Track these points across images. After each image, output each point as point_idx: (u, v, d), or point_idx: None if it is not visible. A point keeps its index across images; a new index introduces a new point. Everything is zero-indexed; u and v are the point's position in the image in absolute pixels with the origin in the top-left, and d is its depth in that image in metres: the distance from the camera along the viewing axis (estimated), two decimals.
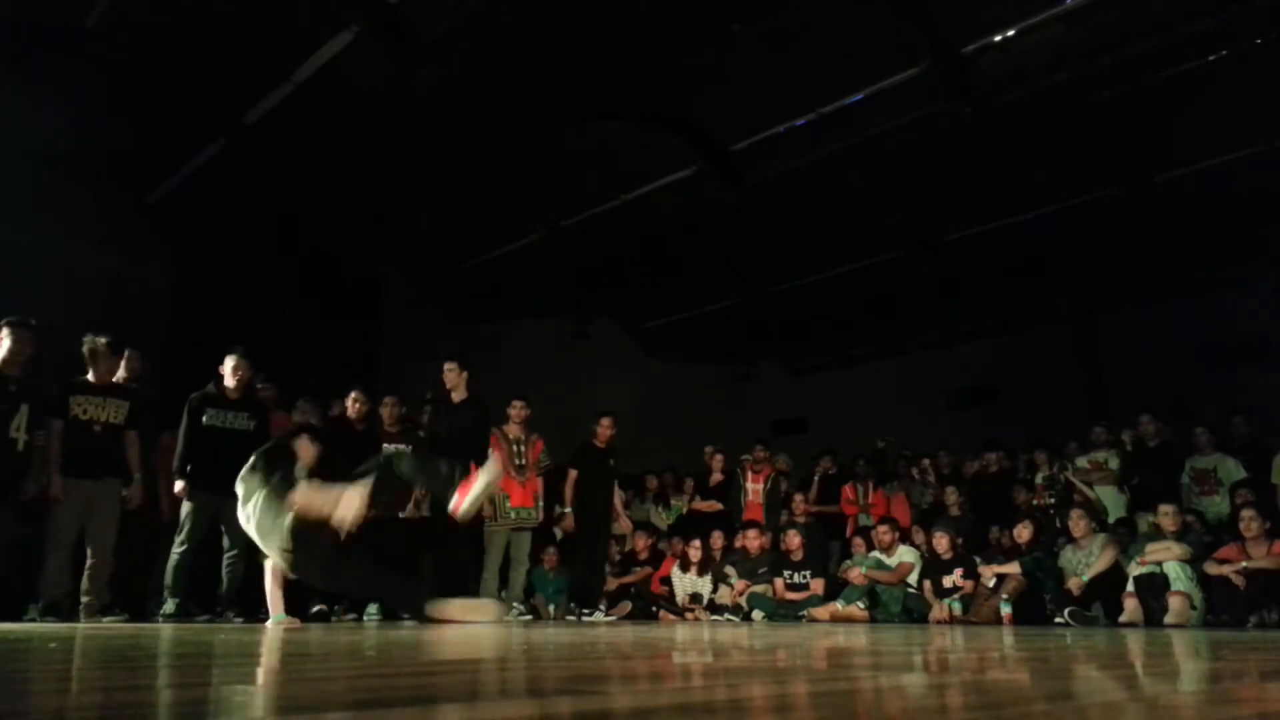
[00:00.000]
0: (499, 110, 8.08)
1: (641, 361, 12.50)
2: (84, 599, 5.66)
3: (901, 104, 7.50)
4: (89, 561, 5.72)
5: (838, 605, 7.30)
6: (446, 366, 6.88)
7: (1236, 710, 1.52)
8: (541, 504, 7.46)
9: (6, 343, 5.61)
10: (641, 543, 8.48)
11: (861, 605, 7.31)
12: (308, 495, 4.62)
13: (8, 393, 5.52)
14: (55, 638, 3.47)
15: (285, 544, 4.63)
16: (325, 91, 7.29)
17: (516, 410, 7.34)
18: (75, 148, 7.62)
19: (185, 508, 5.97)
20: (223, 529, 5.99)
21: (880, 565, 7.52)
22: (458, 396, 6.84)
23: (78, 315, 6.00)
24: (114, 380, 6.03)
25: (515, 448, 7.25)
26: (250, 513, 4.76)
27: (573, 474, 7.64)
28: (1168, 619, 5.99)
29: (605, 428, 7.78)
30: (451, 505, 4.87)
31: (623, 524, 8.22)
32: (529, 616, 7.22)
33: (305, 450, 5.01)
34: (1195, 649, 3.34)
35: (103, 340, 5.87)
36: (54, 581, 5.60)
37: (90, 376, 5.88)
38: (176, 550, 5.88)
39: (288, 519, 4.60)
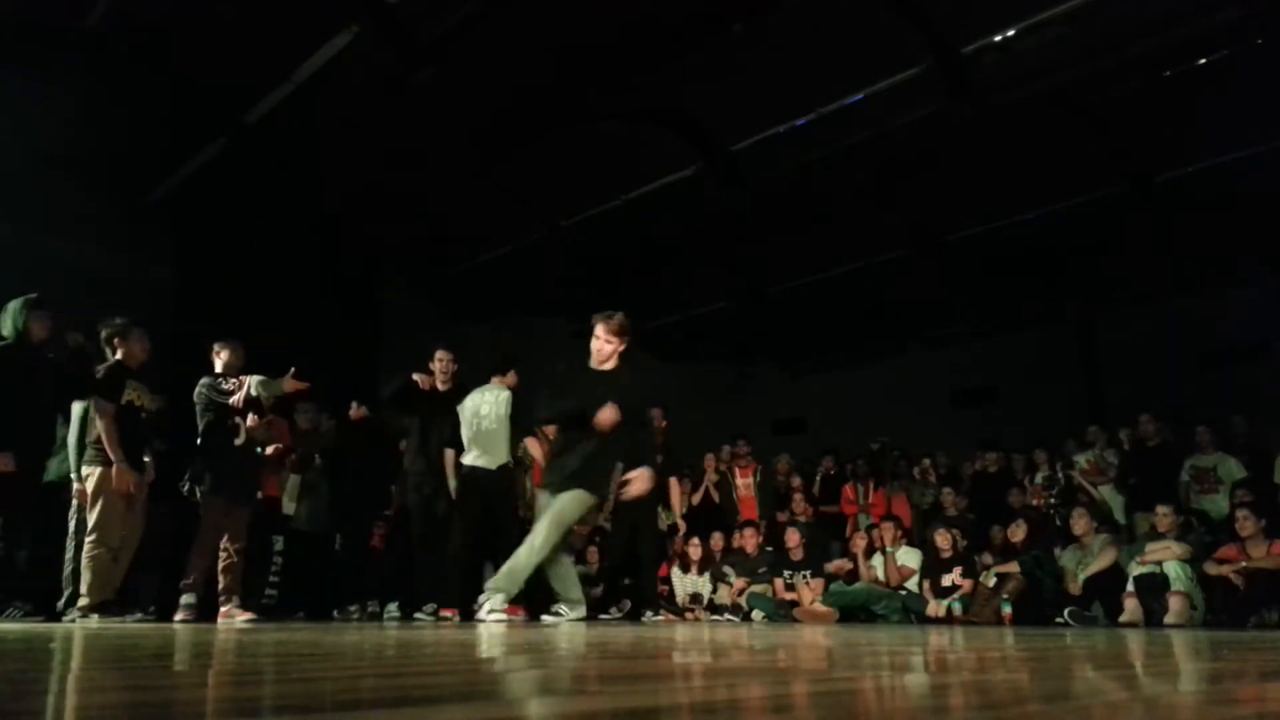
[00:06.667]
0: (499, 110, 8.08)
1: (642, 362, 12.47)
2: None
3: (901, 104, 7.50)
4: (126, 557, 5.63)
5: (818, 604, 7.31)
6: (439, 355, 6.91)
7: (1236, 710, 1.52)
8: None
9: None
10: None
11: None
12: None
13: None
14: (57, 637, 3.47)
15: None
16: (325, 91, 7.29)
17: None
18: (75, 148, 7.62)
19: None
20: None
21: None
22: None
23: (78, 315, 5.97)
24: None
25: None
26: None
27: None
28: (1168, 619, 6.00)
29: (657, 419, 7.56)
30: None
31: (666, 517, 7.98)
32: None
33: None
34: (1195, 649, 3.33)
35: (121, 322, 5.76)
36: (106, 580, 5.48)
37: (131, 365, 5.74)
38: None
39: None
